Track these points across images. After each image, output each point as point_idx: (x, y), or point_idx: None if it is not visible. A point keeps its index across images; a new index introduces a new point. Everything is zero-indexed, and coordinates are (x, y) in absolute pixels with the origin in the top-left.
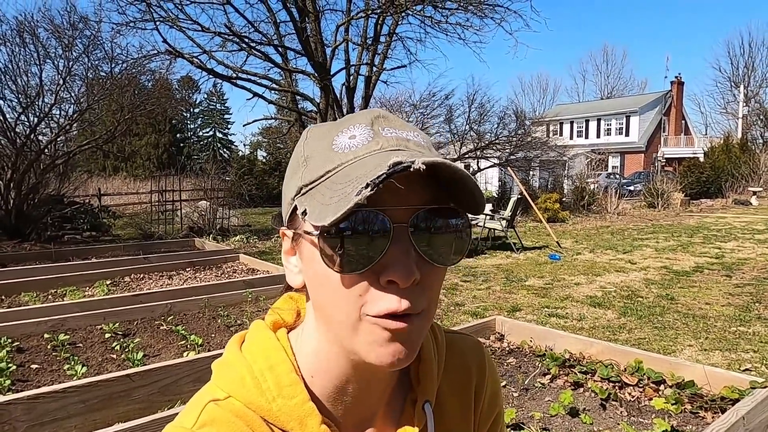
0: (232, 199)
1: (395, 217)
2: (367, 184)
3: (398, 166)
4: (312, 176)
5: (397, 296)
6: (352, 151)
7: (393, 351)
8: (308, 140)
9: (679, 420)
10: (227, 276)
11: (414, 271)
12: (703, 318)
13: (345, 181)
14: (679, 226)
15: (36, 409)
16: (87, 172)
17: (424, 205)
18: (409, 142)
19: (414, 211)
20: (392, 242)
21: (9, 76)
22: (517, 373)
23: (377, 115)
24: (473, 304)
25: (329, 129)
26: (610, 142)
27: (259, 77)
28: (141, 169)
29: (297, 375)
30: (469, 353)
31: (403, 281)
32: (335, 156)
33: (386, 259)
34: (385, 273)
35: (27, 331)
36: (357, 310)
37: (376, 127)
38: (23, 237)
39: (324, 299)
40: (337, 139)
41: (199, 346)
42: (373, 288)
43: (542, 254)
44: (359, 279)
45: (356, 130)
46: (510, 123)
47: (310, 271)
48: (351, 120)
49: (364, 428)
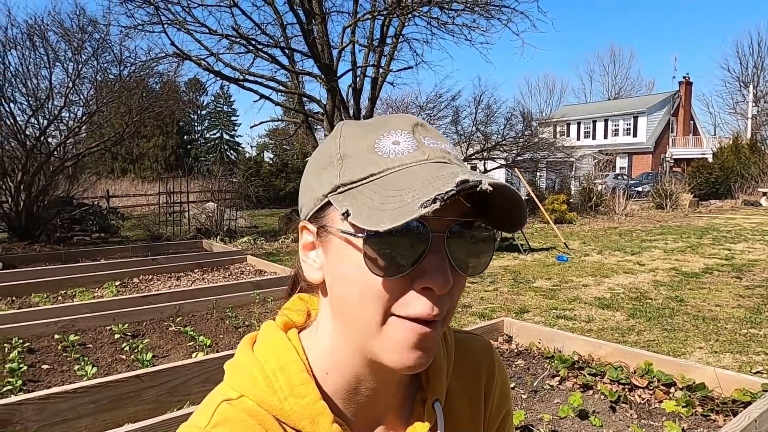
0: (239, 201)
1: (433, 227)
2: (435, 198)
3: (466, 185)
4: (353, 176)
5: (431, 302)
6: (398, 158)
7: (417, 356)
8: (344, 138)
9: (689, 423)
10: (235, 277)
11: (450, 279)
12: (713, 320)
13: (398, 189)
14: (688, 227)
15: (47, 410)
16: (96, 174)
17: (458, 217)
18: (450, 154)
19: (450, 223)
20: (429, 251)
21: (19, 79)
22: (526, 375)
23: (416, 122)
24: (480, 306)
25: (368, 129)
26: (617, 142)
27: (266, 79)
28: (149, 170)
29: (308, 374)
30: (478, 353)
31: (440, 288)
32: (380, 160)
33: (423, 266)
34: (421, 279)
35: (38, 331)
36: (384, 311)
37: (417, 135)
38: (33, 238)
39: (350, 298)
40: (379, 142)
41: (207, 347)
42: (406, 293)
43: (550, 255)
44: (394, 283)
45: (399, 136)
46: (517, 124)
47: (338, 269)
48: (390, 124)
49: (375, 427)
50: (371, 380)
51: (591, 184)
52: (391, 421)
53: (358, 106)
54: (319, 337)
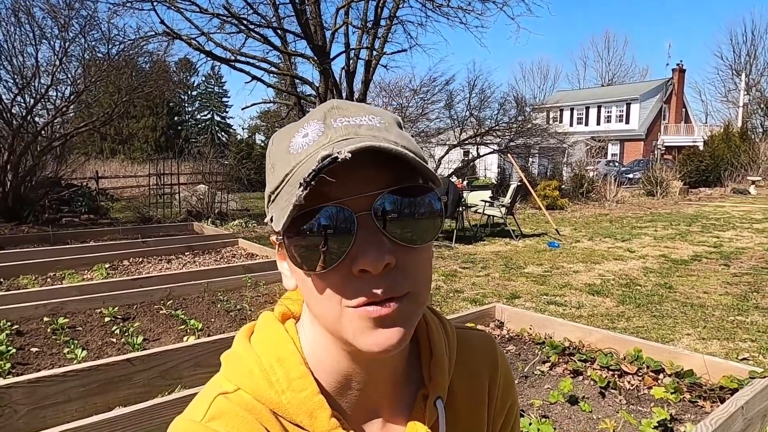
0: (231, 183)
1: (357, 206)
2: (299, 184)
3: (325, 160)
4: (275, 182)
5: (373, 284)
6: (304, 150)
7: (383, 338)
8: (272, 146)
9: (678, 409)
10: (226, 261)
11: (383, 256)
12: (701, 307)
13: (296, 182)
14: (678, 214)
15: (36, 393)
16: (84, 155)
17: (385, 187)
18: (361, 127)
19: (375, 196)
20: (358, 232)
21: (4, 56)
22: (517, 361)
23: (330, 107)
24: (472, 291)
25: (289, 131)
26: (610, 129)
27: (258, 60)
28: (139, 152)
29: (306, 367)
30: (480, 349)
31: (373, 268)
32: (291, 158)
33: (355, 249)
34: (355, 263)
35: (26, 314)
36: (338, 303)
37: (328, 120)
38: (21, 219)
39: (308, 298)
40: (293, 140)
41: (198, 331)
42: (348, 280)
43: (541, 241)
44: (333, 275)
45: (309, 127)
46: (510, 109)
47: (295, 275)
48: (308, 117)
49: (375, 421)
50: (360, 373)
51: (583, 171)
52: (390, 416)
53: (351, 88)
54: (305, 335)
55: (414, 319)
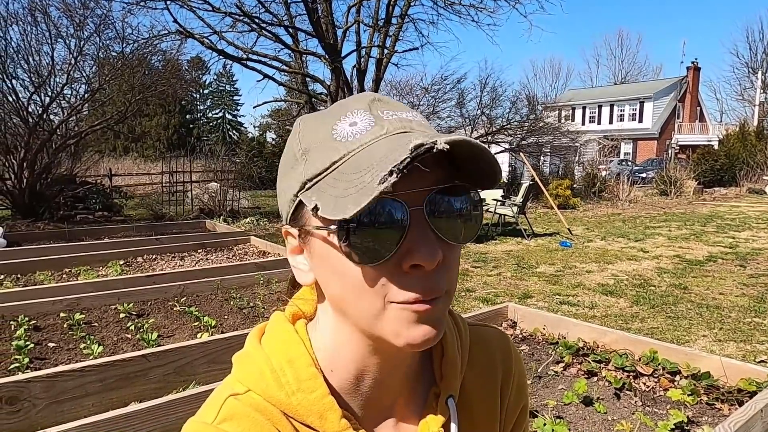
0: (242, 181)
1: (409, 201)
2: (390, 171)
3: (420, 149)
4: (316, 169)
5: (424, 281)
6: (357, 139)
7: (422, 332)
8: (303, 132)
9: (694, 411)
10: (239, 258)
11: (438, 252)
12: (717, 308)
13: (358, 170)
14: (692, 214)
15: (54, 387)
16: (98, 153)
17: (435, 185)
18: (413, 122)
19: (427, 193)
20: (410, 227)
21: (21, 55)
22: (530, 361)
23: (372, 98)
24: (484, 290)
25: (324, 118)
26: (623, 128)
27: (270, 58)
28: (151, 149)
29: (316, 369)
30: (493, 346)
31: (428, 263)
32: (339, 145)
33: (407, 244)
34: (408, 258)
35: (43, 309)
36: (381, 299)
37: (375, 111)
38: (37, 216)
39: (344, 293)
40: (336, 127)
41: (212, 328)
42: (397, 275)
43: (553, 241)
44: (381, 269)
45: (356, 116)
46: (522, 108)
47: (325, 267)
48: (346, 107)
49: (386, 421)
50: (377, 372)
51: (595, 170)
52: (402, 415)
53: (362, 87)
54: (320, 334)
55: (446, 316)
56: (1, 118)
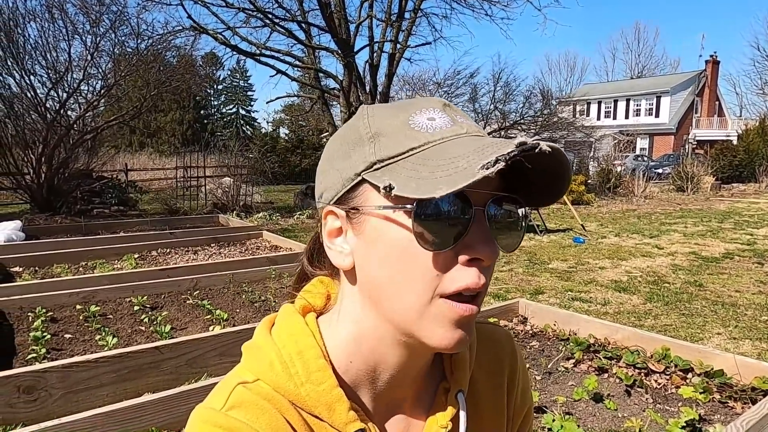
0: (255, 176)
1: (476, 199)
2: (497, 159)
3: (526, 146)
4: (391, 152)
5: (476, 273)
6: (438, 132)
7: (460, 336)
8: (374, 117)
9: (707, 409)
10: (251, 252)
11: (497, 249)
12: (733, 306)
13: (447, 158)
14: (709, 210)
15: (70, 378)
16: (114, 148)
17: (496, 191)
18: (482, 130)
19: (491, 196)
20: (472, 223)
21: (39, 52)
22: (540, 357)
23: (445, 103)
24: (495, 286)
25: (397, 108)
26: (639, 123)
27: (283, 54)
28: (166, 145)
29: (325, 361)
30: (500, 344)
31: (488, 257)
32: (419, 134)
33: (469, 238)
34: (467, 251)
35: (60, 302)
36: (431, 290)
37: (449, 113)
38: (54, 210)
39: (390, 280)
40: (413, 118)
41: (224, 321)
42: (452, 267)
43: (566, 237)
44: (440, 257)
45: (433, 112)
46: (536, 102)
47: (375, 251)
48: (419, 104)
49: (394, 414)
50: (395, 367)
51: (610, 165)
52: (411, 409)
53: (375, 82)
54: (342, 324)
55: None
56: (20, 114)
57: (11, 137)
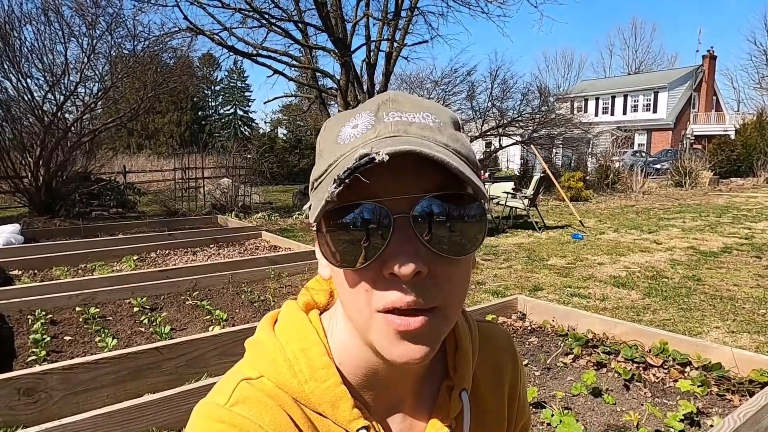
0: (254, 177)
1: (396, 207)
2: (333, 180)
3: (363, 159)
4: (320, 171)
5: (401, 289)
6: (351, 142)
7: (405, 351)
8: (323, 132)
9: (705, 402)
10: (250, 253)
11: (416, 262)
12: (731, 300)
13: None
14: (707, 205)
15: (70, 379)
16: (112, 150)
17: (431, 191)
18: (412, 125)
19: (416, 200)
20: (393, 233)
21: (35, 54)
22: (539, 353)
23: (386, 98)
24: (494, 283)
25: (341, 119)
26: (636, 119)
27: (280, 54)
28: (164, 146)
29: (329, 358)
30: (501, 343)
31: (402, 272)
32: (338, 148)
33: (388, 251)
34: (385, 266)
35: (60, 304)
36: (367, 305)
37: (380, 112)
38: (53, 213)
39: (340, 294)
40: (342, 129)
41: (224, 321)
42: (378, 281)
43: (565, 233)
44: (364, 273)
45: (360, 118)
46: (533, 100)
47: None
48: (361, 107)
49: (398, 412)
50: (387, 370)
51: (608, 162)
52: (414, 407)
53: (372, 81)
54: (337, 329)
55: (440, 337)
56: (17, 117)
57: (8, 141)
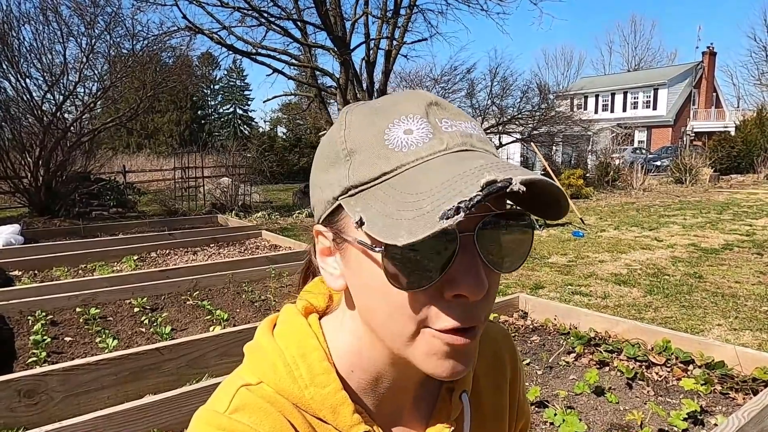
0: (254, 176)
1: (461, 226)
2: (457, 208)
3: (493, 187)
4: (363, 176)
5: (465, 311)
6: (412, 151)
7: (453, 366)
8: (350, 129)
9: (708, 401)
10: (250, 252)
11: (485, 283)
12: (733, 297)
13: (415, 192)
14: (708, 202)
15: (71, 380)
16: (112, 150)
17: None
18: (472, 137)
19: (480, 219)
20: (459, 253)
21: (34, 54)
22: (541, 351)
23: (430, 101)
24: None
25: (375, 116)
26: (636, 116)
27: (279, 52)
28: (164, 146)
29: (329, 363)
30: (500, 341)
31: (474, 294)
32: (391, 154)
33: (453, 272)
34: (451, 287)
35: (60, 305)
36: (416, 324)
37: (432, 118)
38: (53, 213)
39: (377, 310)
40: (389, 132)
41: (224, 321)
42: (437, 304)
43: (565, 231)
44: (422, 295)
45: (411, 122)
46: (533, 97)
47: (360, 280)
48: (399, 107)
49: (398, 416)
50: (395, 377)
51: (608, 159)
52: (414, 410)
53: (372, 79)
54: (345, 335)
55: (477, 351)
56: (17, 118)
57: (8, 141)
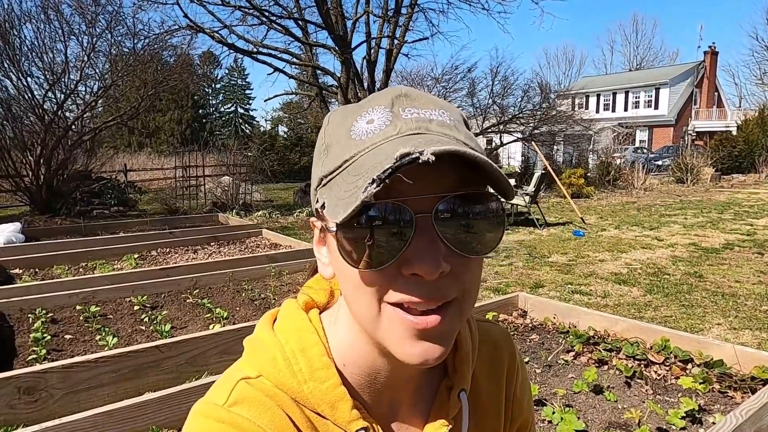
0: (255, 175)
1: (417, 207)
2: (372, 180)
3: (405, 159)
4: (331, 166)
5: (426, 288)
6: (369, 138)
7: (424, 349)
8: (329, 126)
9: (706, 399)
10: (251, 251)
11: (440, 263)
12: (733, 296)
13: (358, 173)
14: (709, 202)
15: (71, 378)
16: (113, 148)
17: (450, 190)
18: (432, 122)
19: (438, 199)
20: (415, 234)
21: (35, 53)
22: (540, 350)
23: (398, 93)
24: (495, 280)
25: (350, 113)
26: (638, 115)
27: (280, 51)
28: (165, 144)
29: (329, 358)
30: (499, 342)
31: (428, 274)
32: (352, 144)
33: (409, 252)
34: (408, 266)
35: (60, 302)
36: (378, 301)
37: (396, 108)
38: (54, 212)
39: (347, 293)
40: (355, 124)
41: (224, 319)
42: (396, 279)
43: (566, 230)
44: (381, 274)
45: (375, 113)
46: (534, 96)
47: (335, 265)
48: (372, 101)
49: (397, 412)
50: (389, 371)
51: (609, 158)
52: (413, 407)
53: (373, 78)
54: (339, 328)
55: (454, 335)
56: (18, 116)
57: (9, 140)
